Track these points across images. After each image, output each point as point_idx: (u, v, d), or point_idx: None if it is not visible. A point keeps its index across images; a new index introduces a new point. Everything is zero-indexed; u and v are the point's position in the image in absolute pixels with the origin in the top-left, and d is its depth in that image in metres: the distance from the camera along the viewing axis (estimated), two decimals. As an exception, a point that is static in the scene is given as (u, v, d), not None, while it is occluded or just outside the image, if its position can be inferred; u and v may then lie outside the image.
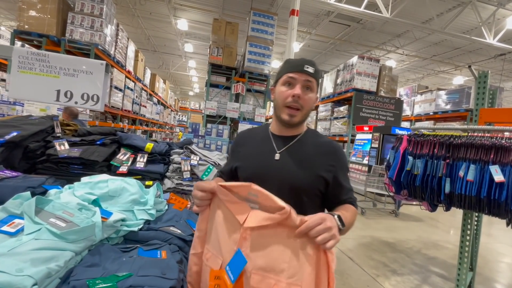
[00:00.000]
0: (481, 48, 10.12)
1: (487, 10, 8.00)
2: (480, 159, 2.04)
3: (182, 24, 10.62)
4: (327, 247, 0.67)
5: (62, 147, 1.33)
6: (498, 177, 1.90)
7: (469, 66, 2.60)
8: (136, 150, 1.61)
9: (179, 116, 22.67)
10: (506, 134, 2.12)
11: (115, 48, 6.57)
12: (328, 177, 0.94)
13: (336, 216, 0.76)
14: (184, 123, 22.55)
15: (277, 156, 0.97)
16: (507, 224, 1.96)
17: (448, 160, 2.22)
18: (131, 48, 7.79)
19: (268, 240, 0.73)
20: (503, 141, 1.97)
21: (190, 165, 1.58)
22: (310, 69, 0.93)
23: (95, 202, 1.08)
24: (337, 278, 2.90)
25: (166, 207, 1.35)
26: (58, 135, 1.48)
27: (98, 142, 1.51)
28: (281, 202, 0.72)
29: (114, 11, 6.21)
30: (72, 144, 1.44)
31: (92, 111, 5.55)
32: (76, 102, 1.38)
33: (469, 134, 2.23)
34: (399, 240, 4.33)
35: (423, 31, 9.19)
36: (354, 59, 8.48)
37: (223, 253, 0.81)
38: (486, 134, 2.15)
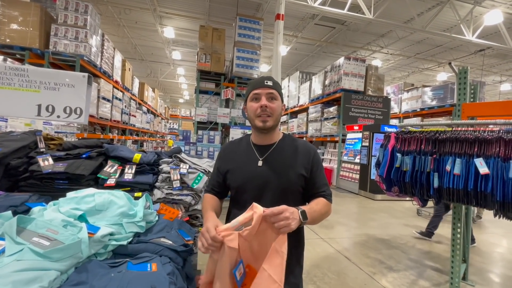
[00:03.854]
0: (461, 44, 10.45)
1: (464, 8, 8.30)
2: (465, 152, 2.09)
3: (169, 32, 10.60)
4: (281, 232, 0.87)
5: (46, 163, 1.30)
6: (483, 169, 1.95)
7: (449, 63, 2.68)
8: (123, 161, 1.58)
9: (170, 124, 22.50)
10: (491, 127, 2.18)
11: (101, 59, 6.49)
12: (306, 174, 1.10)
13: (300, 211, 0.92)
14: (175, 130, 22.37)
15: (260, 163, 1.11)
16: (495, 215, 2.01)
17: (435, 155, 2.27)
18: (118, 57, 7.72)
19: (252, 242, 0.93)
20: (486, 134, 2.03)
21: (180, 174, 1.56)
22: (270, 83, 1.08)
23: (82, 218, 1.05)
24: (334, 278, 2.91)
25: (157, 218, 1.32)
26: (41, 150, 1.44)
27: (84, 156, 1.47)
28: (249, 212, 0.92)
29: (99, 22, 6.15)
30: (56, 159, 1.40)
31: (86, 124, 5.44)
32: (58, 116, 1.35)
33: (453, 129, 2.29)
34: (394, 237, 4.37)
35: (406, 30, 9.44)
36: (341, 60, 8.63)
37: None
38: (470, 128, 2.21)
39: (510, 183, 1.83)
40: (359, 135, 7.93)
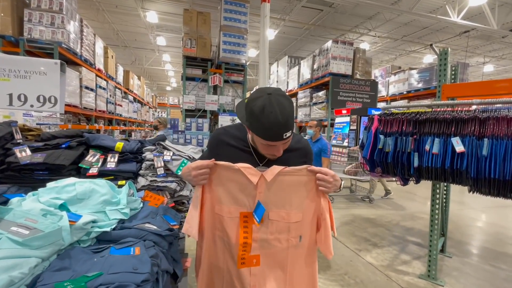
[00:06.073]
0: (447, 26, 10.50)
1: (450, -12, 8.28)
2: (443, 132, 2.17)
3: (152, 16, 10.17)
4: (322, 190, 1.02)
5: (23, 154, 1.27)
6: (459, 147, 2.04)
7: (431, 45, 2.71)
8: (106, 150, 1.57)
9: (158, 112, 22.06)
10: (473, 107, 2.24)
11: (81, 46, 6.21)
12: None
13: (342, 182, 1.07)
14: (164, 119, 21.91)
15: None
16: (469, 191, 2.12)
17: (415, 136, 2.34)
18: (99, 44, 7.40)
19: (280, 187, 1.03)
20: (462, 114, 2.10)
21: (164, 161, 1.57)
22: (288, 134, 0.96)
23: (63, 207, 1.05)
24: (321, 256, 3.03)
25: (141, 205, 1.34)
26: (18, 141, 1.40)
27: (63, 146, 1.45)
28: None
29: (76, 6, 5.82)
30: (34, 150, 1.37)
31: (62, 113, 5.27)
32: (32, 105, 1.30)
33: (433, 109, 2.35)
34: (379, 215, 4.56)
35: (393, 12, 9.38)
36: (329, 43, 8.55)
37: (241, 203, 1.04)
38: (448, 109, 2.28)
39: (483, 160, 1.92)
40: (347, 119, 8.01)
